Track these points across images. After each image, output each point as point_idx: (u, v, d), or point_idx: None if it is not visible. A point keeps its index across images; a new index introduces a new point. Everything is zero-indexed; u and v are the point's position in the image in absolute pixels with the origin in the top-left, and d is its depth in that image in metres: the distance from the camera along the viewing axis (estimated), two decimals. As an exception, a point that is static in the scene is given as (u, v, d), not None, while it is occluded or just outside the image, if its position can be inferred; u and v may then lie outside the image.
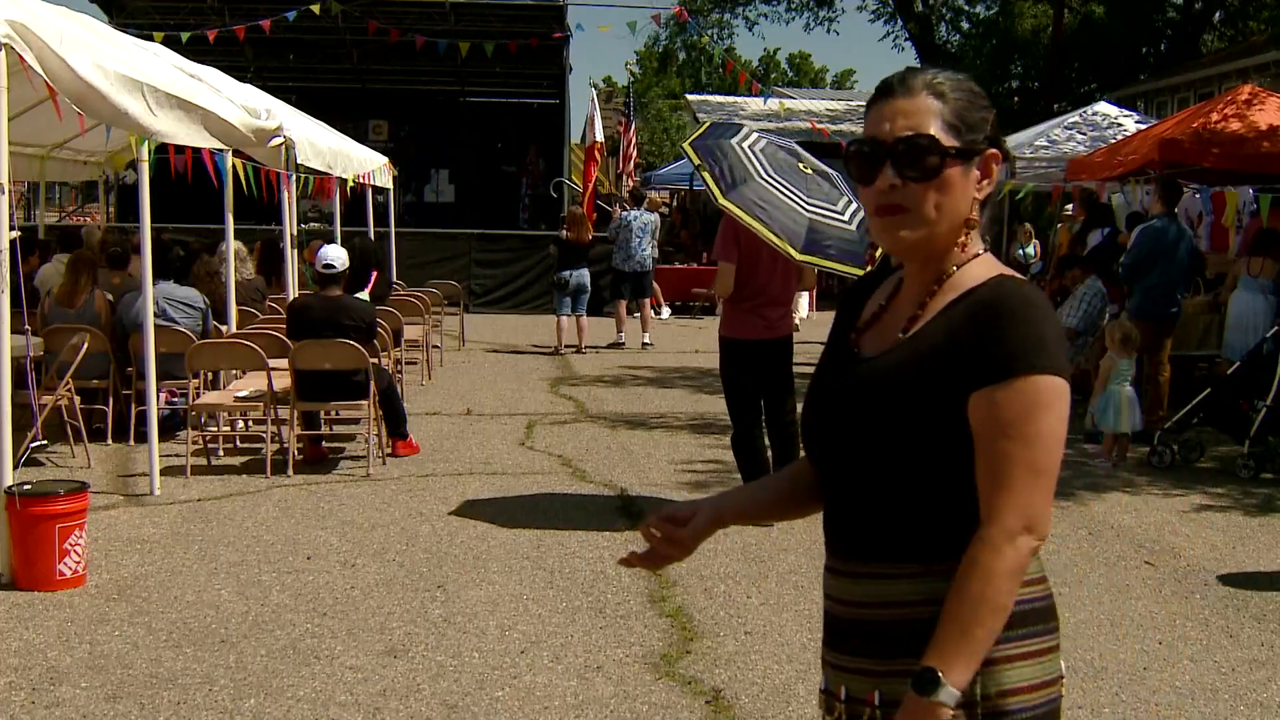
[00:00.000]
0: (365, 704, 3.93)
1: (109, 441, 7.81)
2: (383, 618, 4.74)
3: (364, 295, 8.68)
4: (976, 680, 1.63)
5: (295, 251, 9.61)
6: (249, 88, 9.28)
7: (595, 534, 5.80)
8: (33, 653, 4.31)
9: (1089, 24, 26.51)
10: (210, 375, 8.37)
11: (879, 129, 1.70)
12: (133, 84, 5.98)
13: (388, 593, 5.04)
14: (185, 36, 14.16)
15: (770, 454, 6.31)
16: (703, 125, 7.52)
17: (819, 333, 1.98)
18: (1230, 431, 7.92)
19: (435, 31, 17.72)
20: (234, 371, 8.36)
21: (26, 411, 6.73)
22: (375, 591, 5.05)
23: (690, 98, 33.84)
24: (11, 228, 5.20)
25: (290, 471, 7.19)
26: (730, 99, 28.71)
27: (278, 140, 8.24)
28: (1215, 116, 9.71)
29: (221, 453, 7.78)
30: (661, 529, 1.95)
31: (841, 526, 1.77)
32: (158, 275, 7.55)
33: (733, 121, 9.11)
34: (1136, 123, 13.47)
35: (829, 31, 45.16)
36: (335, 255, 7.59)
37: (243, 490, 6.80)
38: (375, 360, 7.52)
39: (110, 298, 8.13)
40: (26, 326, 6.85)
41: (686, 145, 6.32)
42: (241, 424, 8.41)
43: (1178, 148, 9.41)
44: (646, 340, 13.81)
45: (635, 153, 21.82)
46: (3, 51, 4.96)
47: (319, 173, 10.15)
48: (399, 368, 9.69)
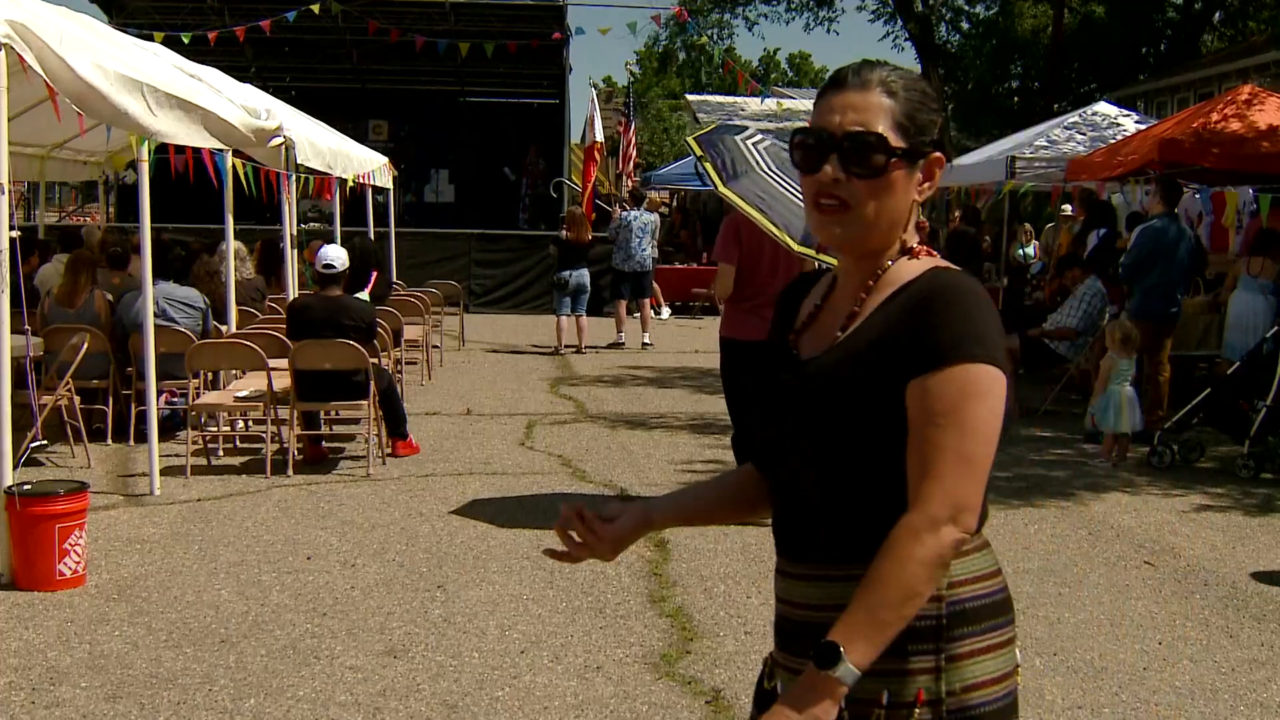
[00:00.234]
0: (365, 704, 3.93)
1: (109, 441, 7.81)
2: (383, 618, 4.74)
3: (364, 295, 8.68)
4: (941, 677, 1.63)
5: (295, 251, 9.62)
6: (249, 88, 9.28)
7: (595, 534, 5.79)
8: (33, 653, 4.31)
9: (1089, 24, 26.52)
10: (210, 375, 8.37)
11: (828, 120, 1.69)
12: (133, 84, 5.99)
13: (388, 593, 5.04)
14: (187, 37, 14.16)
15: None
16: (708, 125, 7.56)
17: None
18: (1230, 431, 7.92)
19: (435, 31, 17.72)
20: (234, 371, 8.36)
21: (26, 411, 6.73)
22: (375, 591, 5.06)
23: (690, 98, 33.86)
24: (11, 228, 5.20)
25: (290, 471, 7.19)
26: (730, 99, 28.73)
27: (278, 140, 8.25)
28: (1215, 116, 9.71)
29: (221, 453, 7.78)
30: (579, 530, 1.90)
31: (795, 530, 1.76)
32: (158, 275, 7.55)
33: (739, 123, 9.14)
34: (1136, 123, 13.46)
35: (829, 31, 45.22)
36: (335, 255, 7.59)
37: (243, 490, 6.80)
38: (375, 360, 7.52)
39: (110, 298, 8.13)
40: (26, 326, 6.85)
41: (690, 139, 6.36)
42: (241, 424, 8.41)
43: (1178, 148, 9.41)
44: (646, 340, 13.81)
45: (635, 153, 21.81)
46: (3, 51, 4.96)
47: (319, 173, 10.15)
48: (399, 368, 9.69)
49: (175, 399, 8.19)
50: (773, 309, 1.97)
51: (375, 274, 9.75)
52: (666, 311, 17.32)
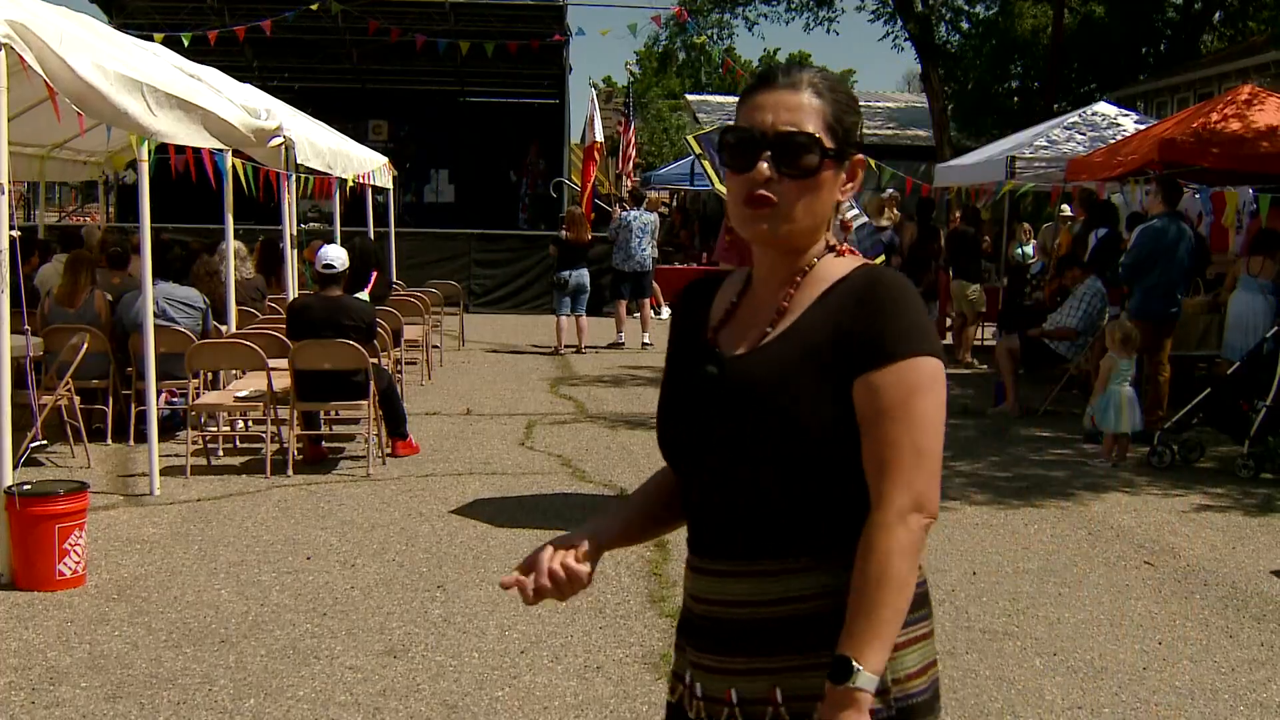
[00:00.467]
0: (365, 704, 3.93)
1: (109, 441, 7.81)
2: (382, 618, 4.74)
3: (364, 295, 8.68)
4: (886, 667, 1.64)
5: (295, 251, 9.62)
6: (249, 88, 9.29)
7: (595, 534, 5.79)
8: (32, 653, 4.31)
9: (1089, 24, 26.51)
10: (210, 375, 8.37)
11: (759, 118, 1.68)
12: (133, 84, 5.99)
13: (388, 593, 5.04)
14: (187, 38, 14.16)
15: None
16: (708, 125, 7.59)
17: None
18: (1230, 431, 7.92)
19: (435, 31, 17.73)
20: (234, 371, 8.36)
21: (26, 411, 6.73)
22: (375, 591, 5.06)
23: (690, 98, 33.84)
24: (11, 228, 5.20)
25: (290, 471, 7.19)
26: (730, 99, 28.72)
27: (277, 140, 8.25)
28: (1215, 116, 9.71)
29: (221, 453, 7.78)
30: (567, 570, 1.77)
31: (720, 527, 1.72)
32: (158, 275, 7.55)
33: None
34: (1136, 123, 13.45)
35: (829, 31, 45.04)
36: (335, 255, 7.59)
37: (243, 490, 6.80)
38: (375, 360, 7.52)
39: (110, 298, 8.13)
40: (26, 326, 6.85)
41: (690, 138, 6.40)
42: (241, 424, 8.41)
43: (1178, 148, 9.41)
44: (646, 340, 13.81)
45: (635, 153, 21.82)
46: (3, 51, 4.96)
47: (319, 173, 10.15)
48: (399, 368, 9.69)
49: (175, 399, 8.19)
50: None
51: (375, 274, 9.75)
52: (666, 311, 17.32)
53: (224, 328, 8.57)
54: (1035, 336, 9.73)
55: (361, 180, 12.03)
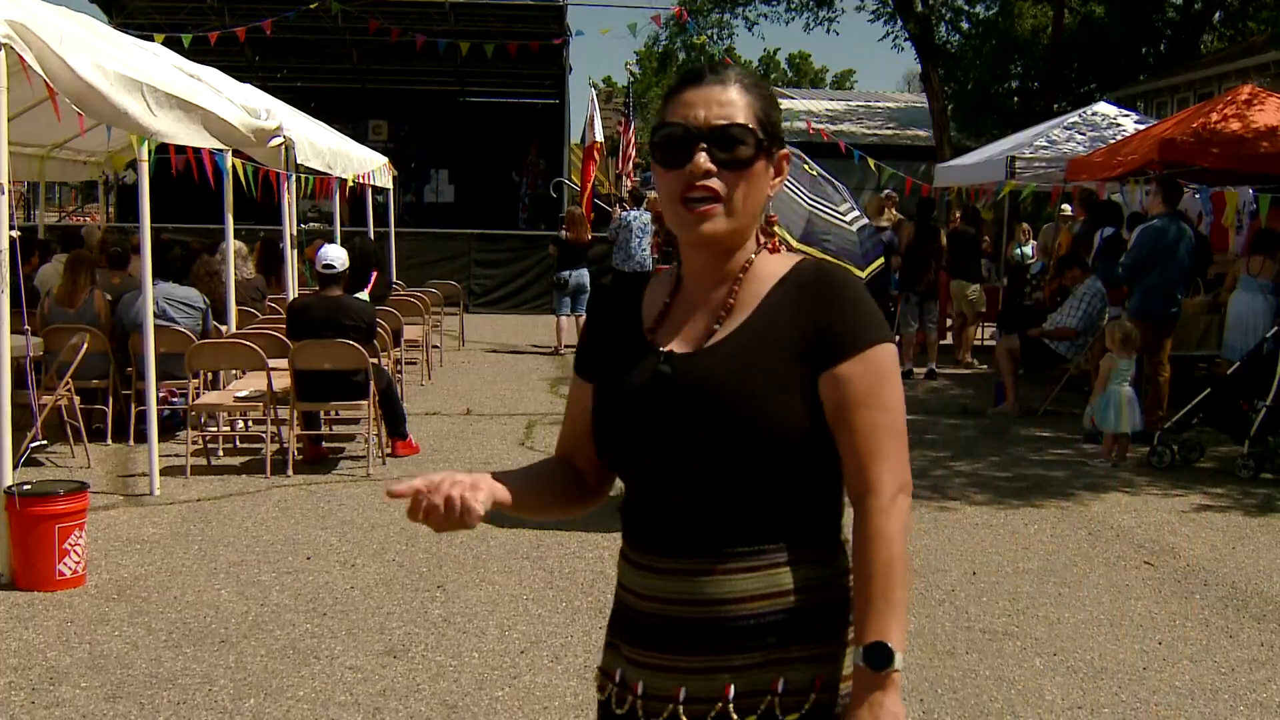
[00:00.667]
0: (365, 704, 3.93)
1: (109, 441, 7.81)
2: (382, 618, 4.74)
3: (364, 295, 8.68)
4: (840, 664, 1.66)
5: (295, 251, 9.62)
6: (249, 88, 9.29)
7: (595, 534, 5.79)
8: (32, 653, 4.31)
9: (1089, 24, 26.52)
10: (210, 375, 8.37)
11: (691, 114, 1.67)
12: (132, 84, 5.99)
13: (388, 593, 5.04)
14: (187, 40, 14.16)
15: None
16: None
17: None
18: (1230, 431, 7.92)
19: (435, 31, 17.73)
20: (234, 371, 8.36)
21: (26, 411, 6.73)
22: (375, 591, 5.06)
23: (690, 98, 33.74)
24: (11, 228, 5.20)
25: (290, 471, 7.19)
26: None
27: (277, 140, 8.25)
28: (1215, 116, 9.71)
29: (221, 453, 7.78)
30: (464, 503, 1.65)
31: (684, 526, 1.68)
32: (158, 275, 7.55)
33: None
34: (1136, 123, 13.45)
35: (829, 32, 45.13)
36: (335, 255, 7.59)
37: (243, 490, 6.80)
38: (375, 360, 7.52)
39: (110, 298, 8.13)
40: (26, 326, 6.85)
41: None
42: (241, 424, 8.41)
43: (1178, 148, 9.41)
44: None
45: (635, 153, 21.80)
46: (3, 51, 4.96)
47: (319, 173, 10.16)
48: (399, 368, 9.69)
49: (175, 399, 8.19)
50: None
51: (375, 274, 9.75)
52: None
53: (224, 328, 8.58)
54: (1035, 336, 9.73)
55: (361, 180, 12.03)
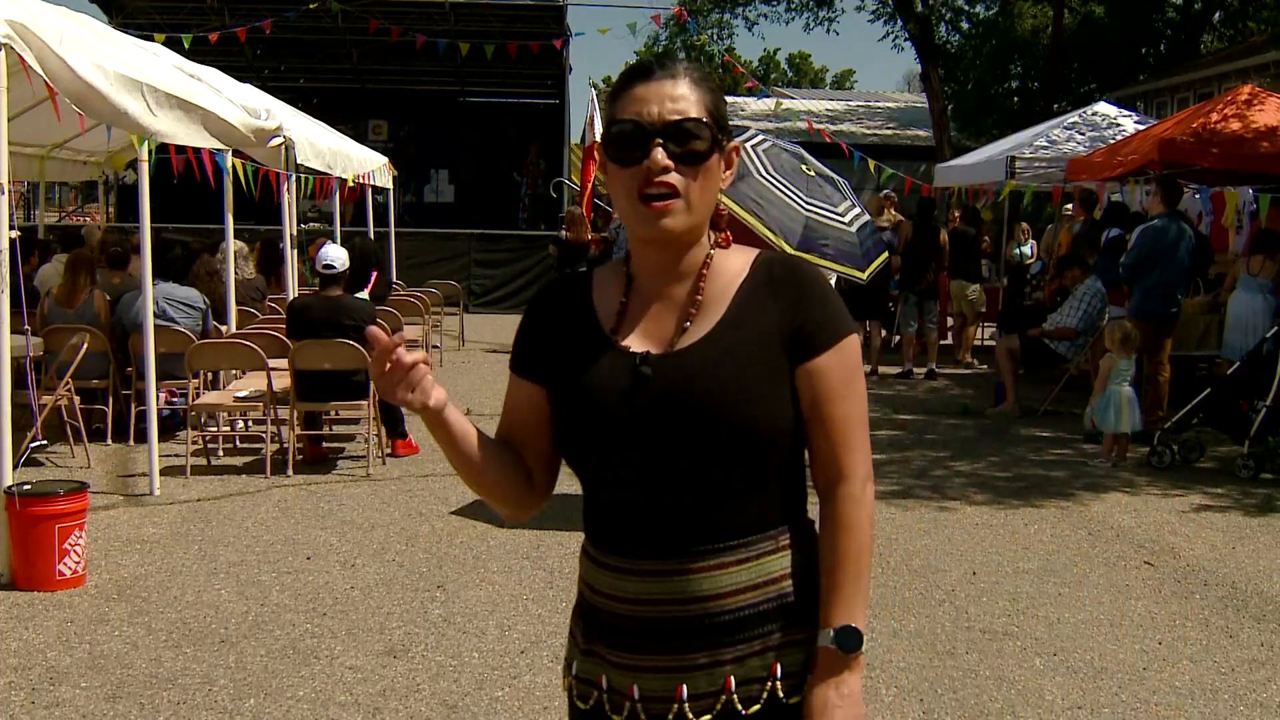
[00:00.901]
0: (365, 704, 3.93)
1: (109, 441, 7.81)
2: (383, 618, 4.74)
3: (364, 295, 8.68)
4: (805, 655, 1.69)
5: (295, 251, 9.62)
6: (249, 88, 9.29)
7: (595, 534, 5.79)
8: (33, 653, 4.31)
9: (1089, 24, 26.51)
10: (210, 375, 8.37)
11: (644, 109, 1.64)
12: (132, 84, 5.99)
13: (388, 593, 5.04)
14: (187, 40, 14.17)
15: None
16: None
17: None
18: (1230, 431, 7.92)
19: (435, 31, 17.73)
20: (234, 371, 8.36)
21: (26, 411, 6.74)
22: (375, 591, 5.06)
23: (690, 98, 33.72)
24: (11, 228, 5.20)
25: (290, 471, 7.19)
26: (730, 99, 28.72)
27: (277, 140, 8.25)
28: (1215, 116, 9.71)
29: (221, 453, 7.78)
30: (421, 380, 1.73)
31: (670, 527, 1.67)
32: (158, 275, 7.55)
33: (739, 124, 9.13)
34: (1136, 123, 13.45)
35: (829, 32, 45.18)
36: (335, 255, 7.59)
37: (243, 490, 6.80)
38: (375, 360, 7.50)
39: (110, 298, 8.13)
40: (26, 326, 6.86)
41: None
42: (241, 424, 8.41)
43: (1178, 148, 9.41)
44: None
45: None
46: (3, 51, 4.96)
47: (319, 173, 10.15)
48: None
49: (175, 399, 8.19)
50: None
51: (375, 274, 9.75)
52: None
53: (224, 328, 8.58)
54: (1035, 336, 9.74)
55: (361, 180, 12.03)
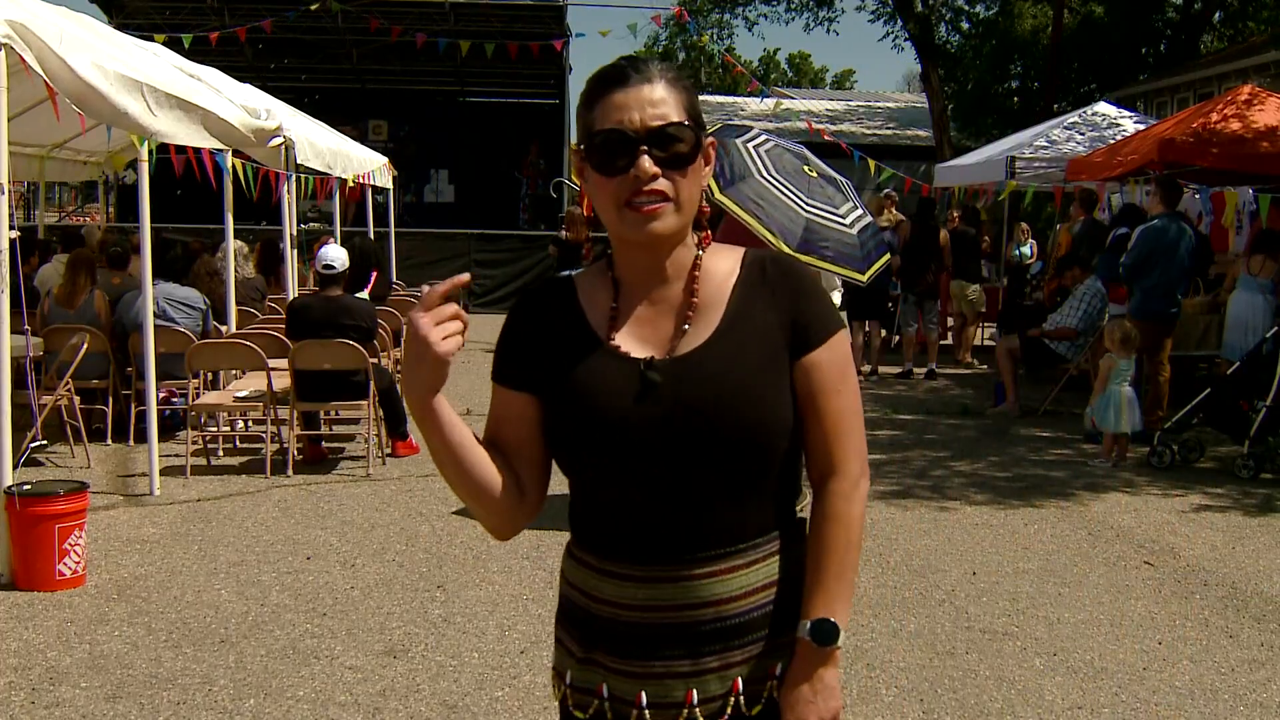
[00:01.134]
0: (365, 704, 3.93)
1: (109, 441, 7.81)
2: (383, 618, 4.74)
3: (364, 295, 8.68)
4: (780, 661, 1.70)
5: (295, 251, 9.62)
6: (249, 88, 9.29)
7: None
8: (32, 653, 4.31)
9: (1089, 24, 26.49)
10: (210, 375, 8.37)
11: (626, 117, 1.61)
12: (132, 84, 5.99)
13: (388, 593, 5.04)
14: (188, 40, 14.17)
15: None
16: (714, 126, 7.52)
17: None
18: (1230, 431, 7.92)
19: (435, 31, 17.74)
20: (234, 371, 8.36)
21: (26, 411, 6.74)
22: (375, 591, 5.06)
23: (690, 98, 33.78)
24: (11, 228, 5.20)
25: (290, 471, 7.19)
26: (730, 99, 28.74)
27: (277, 140, 8.25)
28: (1215, 116, 9.71)
29: (221, 453, 7.78)
30: (438, 349, 1.73)
31: (684, 533, 1.66)
32: (158, 275, 7.55)
33: (741, 123, 9.12)
34: (1135, 123, 13.45)
35: (829, 32, 45.19)
36: (335, 255, 7.59)
37: (243, 490, 6.80)
38: (375, 360, 7.52)
39: (109, 298, 8.13)
40: (26, 326, 6.86)
41: None
42: (241, 424, 8.41)
43: (1178, 148, 9.40)
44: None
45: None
46: (3, 51, 4.97)
47: (319, 173, 10.15)
48: (399, 368, 9.68)
49: (175, 399, 8.19)
50: None
51: (375, 274, 9.75)
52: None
53: (224, 328, 8.58)
54: (1035, 336, 9.74)
55: (361, 180, 12.03)
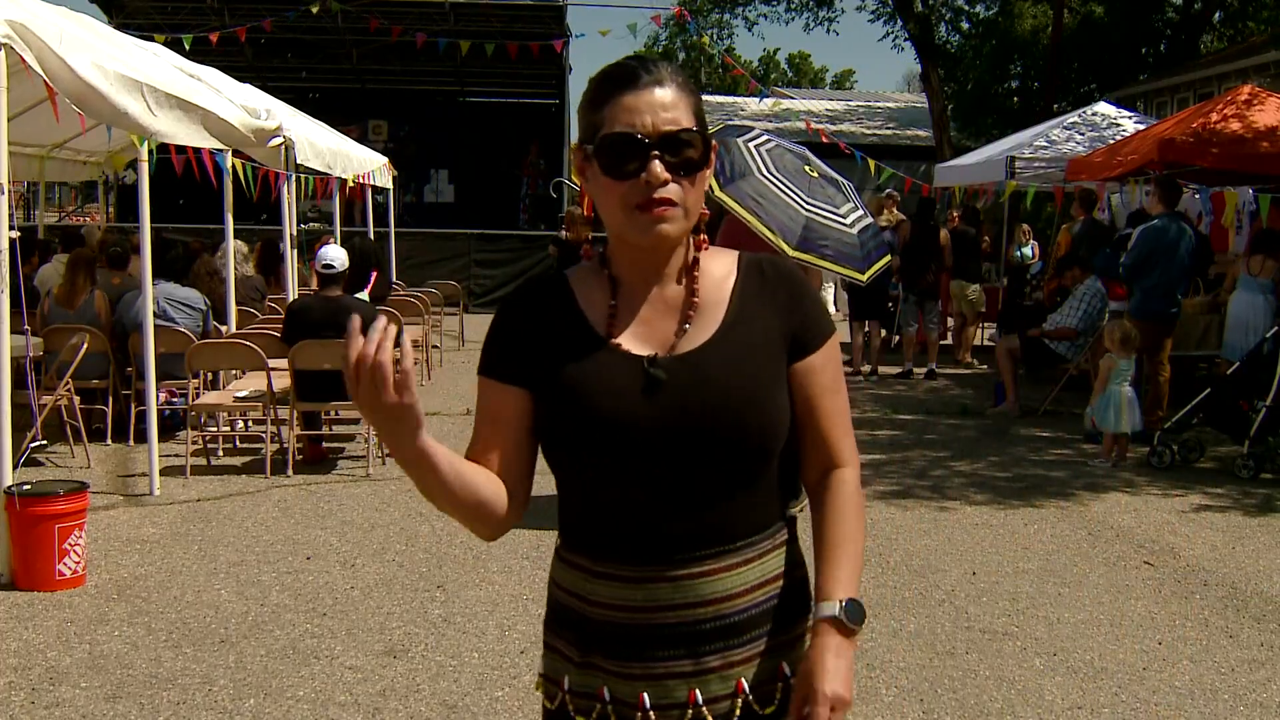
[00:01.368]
0: (365, 704, 3.93)
1: (109, 441, 7.81)
2: (383, 618, 4.74)
3: (364, 295, 8.68)
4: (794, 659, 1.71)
5: (295, 251, 9.62)
6: (249, 88, 9.29)
7: (595, 534, 5.80)
8: (32, 653, 4.31)
9: (1089, 24, 26.49)
10: (210, 375, 8.37)
11: (637, 120, 1.59)
12: (132, 84, 5.99)
13: (388, 593, 5.04)
14: (188, 41, 14.17)
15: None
16: (715, 126, 7.52)
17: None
18: (1230, 431, 7.92)
19: (435, 31, 17.74)
20: (234, 371, 8.36)
21: (26, 411, 6.73)
22: (375, 591, 5.06)
23: (689, 98, 33.78)
24: (11, 228, 5.20)
25: (290, 471, 7.19)
26: (730, 99, 28.74)
27: (277, 140, 8.25)
28: (1215, 116, 9.71)
29: (221, 453, 7.78)
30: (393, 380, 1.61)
31: (685, 532, 1.65)
32: (158, 275, 7.55)
33: (742, 124, 9.12)
34: (1135, 123, 13.45)
35: (829, 32, 45.19)
36: (335, 255, 7.59)
37: (243, 490, 6.80)
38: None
39: (110, 298, 8.13)
40: (26, 326, 6.86)
41: None
42: (241, 424, 8.41)
43: (1178, 148, 9.40)
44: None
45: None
46: (3, 51, 4.97)
47: (319, 173, 10.15)
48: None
49: (175, 399, 8.19)
50: None
51: (375, 274, 9.75)
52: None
53: (224, 328, 8.58)
54: (1035, 336, 9.74)
55: (361, 180, 12.03)
